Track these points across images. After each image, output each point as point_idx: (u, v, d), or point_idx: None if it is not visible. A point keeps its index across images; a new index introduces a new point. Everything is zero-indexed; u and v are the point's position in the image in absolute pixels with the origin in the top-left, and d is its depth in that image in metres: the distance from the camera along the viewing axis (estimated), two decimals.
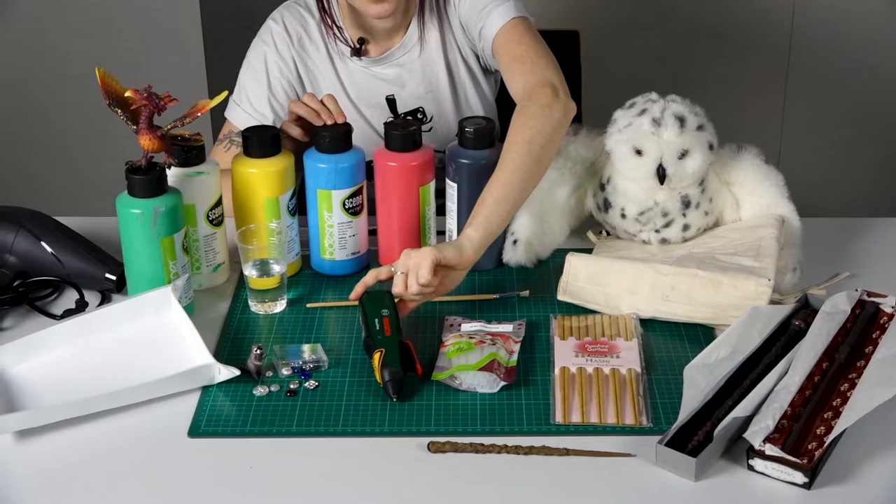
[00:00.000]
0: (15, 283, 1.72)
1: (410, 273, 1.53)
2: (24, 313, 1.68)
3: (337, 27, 1.95)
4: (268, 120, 1.95)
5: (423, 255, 1.53)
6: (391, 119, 2.00)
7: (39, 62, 2.97)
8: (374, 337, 1.51)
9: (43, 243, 1.73)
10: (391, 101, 1.99)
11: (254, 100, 1.97)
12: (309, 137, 1.77)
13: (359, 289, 1.58)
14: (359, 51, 1.97)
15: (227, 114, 1.99)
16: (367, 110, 2.00)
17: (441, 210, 1.80)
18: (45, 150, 3.11)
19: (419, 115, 2.00)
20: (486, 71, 2.01)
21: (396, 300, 1.57)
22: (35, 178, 3.12)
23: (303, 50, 1.98)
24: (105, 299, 1.71)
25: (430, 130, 1.99)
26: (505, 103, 1.88)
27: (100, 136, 3.04)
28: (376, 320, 1.53)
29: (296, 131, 1.76)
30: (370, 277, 1.58)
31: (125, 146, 2.13)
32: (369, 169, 1.80)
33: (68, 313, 1.66)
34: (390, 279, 1.57)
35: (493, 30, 1.84)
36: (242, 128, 1.74)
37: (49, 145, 3.10)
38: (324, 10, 1.95)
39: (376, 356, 1.48)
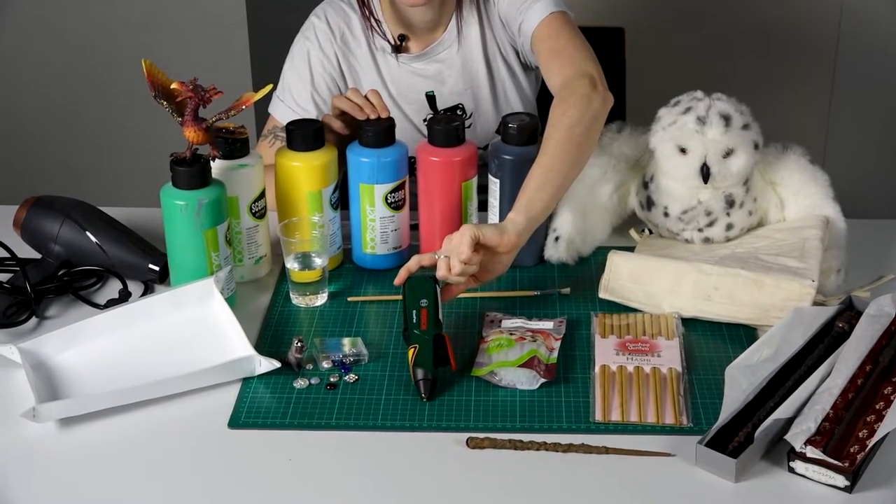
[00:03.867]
0: (60, 273, 1.73)
1: (452, 253, 1.53)
2: (68, 302, 1.69)
3: (376, 20, 1.95)
4: (310, 115, 1.95)
5: (463, 234, 1.53)
6: (431, 115, 1.99)
7: (87, 54, 3.00)
8: (411, 331, 1.50)
9: (88, 233, 1.74)
10: (431, 98, 1.99)
11: (297, 95, 1.97)
12: (351, 131, 1.76)
13: (402, 274, 1.57)
14: (399, 47, 1.97)
15: (270, 109, 2.00)
16: (407, 106, 2.00)
17: (483, 206, 1.79)
18: (91, 141, 3.13)
19: (458, 112, 2.00)
20: (526, 67, 2.01)
21: (440, 286, 1.57)
22: (81, 169, 3.15)
23: (345, 46, 1.98)
24: (148, 290, 1.72)
25: (469, 127, 1.99)
26: (545, 102, 1.87)
27: (145, 128, 3.06)
28: (414, 312, 1.52)
29: (337, 125, 1.76)
30: (413, 262, 1.57)
31: (170, 138, 2.14)
32: (411, 165, 1.80)
33: (112, 303, 1.67)
34: (434, 266, 1.56)
35: (532, 24, 1.83)
36: (286, 123, 1.74)
37: (95, 136, 3.13)
38: (363, 4, 1.95)
39: (410, 352, 1.48)
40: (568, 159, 1.61)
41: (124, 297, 1.70)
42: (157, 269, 1.71)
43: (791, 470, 1.33)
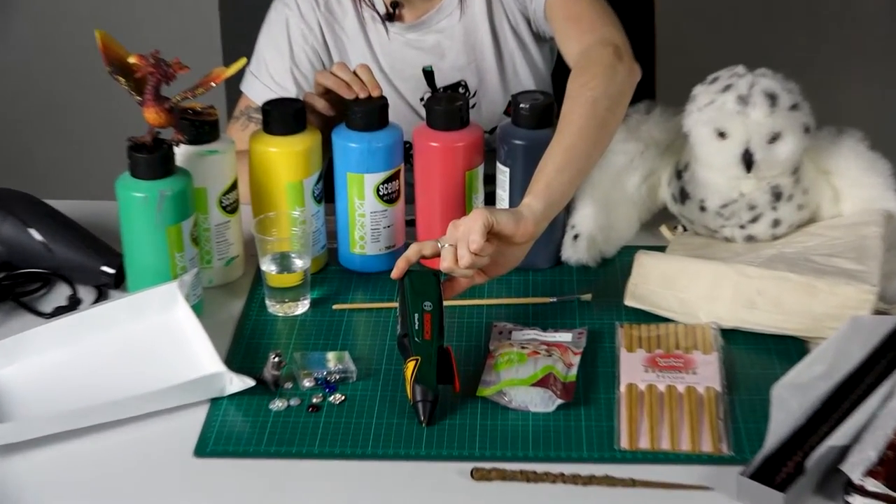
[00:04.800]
0: None
1: (460, 242, 1.52)
2: (8, 310, 1.69)
3: None
4: (290, 94, 1.96)
5: (474, 219, 1.51)
6: (429, 94, 1.99)
7: (33, 24, 2.99)
8: (412, 339, 1.50)
9: (31, 231, 1.74)
10: (429, 73, 1.99)
11: (274, 71, 1.97)
12: (337, 113, 1.76)
13: (401, 265, 1.55)
14: (392, 15, 1.96)
15: (243, 87, 2.00)
16: (401, 83, 2.00)
17: (490, 199, 1.79)
18: (35, 124, 3.13)
19: (461, 90, 2.00)
20: (539, 38, 2.01)
21: (443, 279, 1.56)
22: (24, 157, 3.15)
23: (330, 14, 1.98)
24: (101, 296, 1.72)
25: (473, 107, 1.99)
26: (561, 78, 1.86)
27: (99, 109, 3.06)
28: (416, 315, 1.52)
29: (321, 104, 1.76)
30: (413, 251, 1.56)
31: (128, 120, 2.14)
32: (407, 150, 1.79)
33: (59, 311, 1.67)
34: (436, 256, 1.55)
35: None
36: (261, 103, 1.74)
37: (41, 118, 3.12)
38: None
39: (409, 366, 1.47)
40: (591, 138, 1.61)
41: (74, 304, 1.70)
42: (111, 272, 1.71)
43: None
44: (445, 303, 1.56)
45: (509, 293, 1.69)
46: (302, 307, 1.68)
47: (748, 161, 1.67)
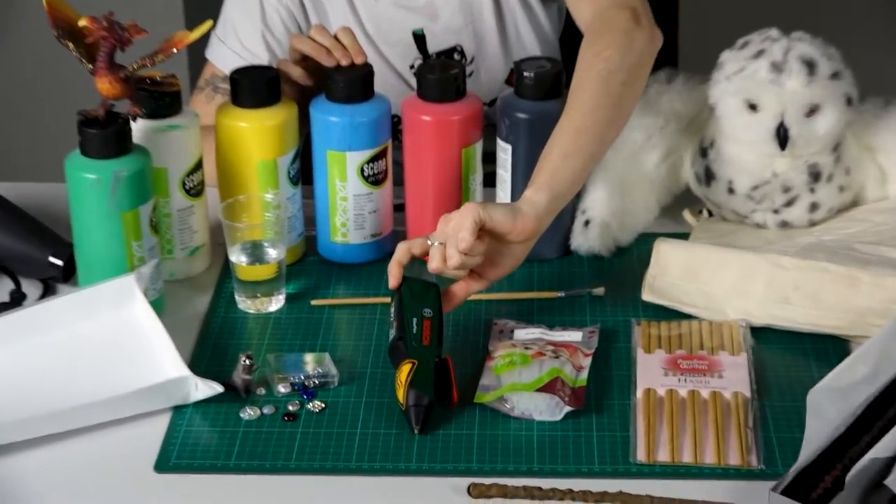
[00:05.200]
0: None
1: (449, 240, 1.52)
2: None
3: None
4: (261, 61, 1.96)
5: (464, 215, 1.52)
6: (420, 61, 2.00)
7: None
8: (409, 342, 1.51)
9: None
10: (419, 37, 1.99)
11: (243, 35, 1.97)
12: (315, 82, 1.77)
13: (395, 270, 1.56)
14: None
15: (208, 54, 2.00)
16: (389, 49, 2.00)
17: (490, 180, 1.80)
18: None
19: (456, 56, 2.00)
20: None
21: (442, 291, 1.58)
22: None
23: None
24: (49, 290, 1.72)
25: (470, 76, 1.99)
26: (570, 43, 1.87)
27: (46, 79, 3.06)
28: (415, 320, 1.53)
29: (297, 73, 1.76)
30: (402, 253, 1.56)
31: (78, 91, 2.14)
32: (395, 125, 1.80)
33: (1, 308, 1.67)
34: (427, 254, 1.56)
35: None
36: (229, 71, 1.74)
37: None
38: None
39: (405, 368, 1.48)
40: (604, 117, 1.61)
41: (17, 300, 1.70)
42: (60, 263, 1.72)
43: None
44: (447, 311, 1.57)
45: (511, 287, 1.69)
46: (276, 303, 1.69)
47: (783, 137, 1.67)
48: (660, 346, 1.58)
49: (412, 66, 2.00)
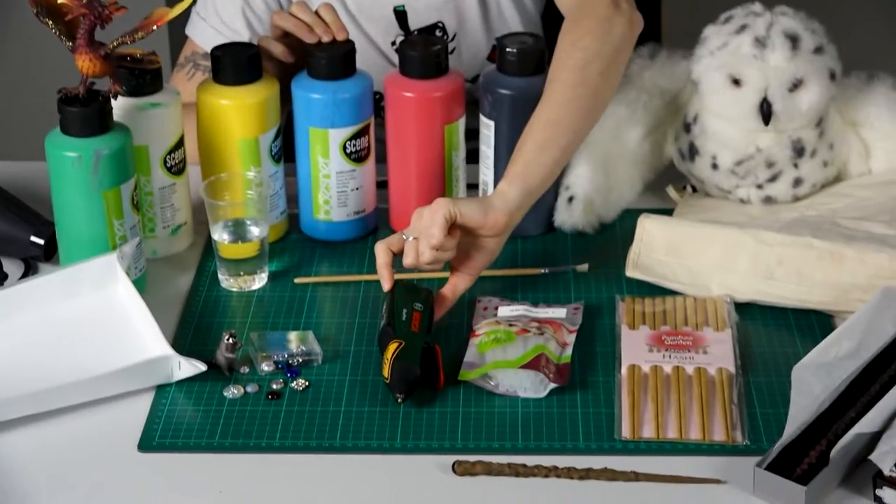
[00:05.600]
0: None
1: (422, 235, 1.53)
2: None
3: None
4: (242, 38, 1.95)
5: (434, 211, 1.53)
6: (402, 37, 1.99)
7: None
8: (397, 327, 1.51)
9: None
10: (401, 13, 1.99)
11: (223, 11, 1.96)
12: (297, 59, 1.76)
13: (385, 273, 1.56)
14: None
15: (188, 31, 1.99)
16: (369, 25, 2.00)
17: (474, 156, 1.80)
18: None
19: (438, 32, 2.00)
20: None
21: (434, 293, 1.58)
22: None
23: None
24: (30, 270, 1.72)
25: (452, 52, 1.99)
26: (554, 20, 1.87)
27: (25, 56, 3.05)
28: (405, 311, 1.53)
29: (279, 49, 1.76)
30: (383, 254, 1.56)
31: (59, 69, 2.14)
32: (377, 102, 1.80)
33: None
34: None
35: None
36: (210, 48, 1.74)
37: None
38: None
39: (392, 346, 1.48)
40: (580, 109, 1.61)
41: None
42: (41, 242, 1.71)
43: (878, 500, 1.33)
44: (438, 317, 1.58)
45: (494, 264, 1.67)
46: (259, 281, 1.69)
47: (766, 112, 1.67)
48: (644, 322, 1.58)
49: (394, 43, 1.99)
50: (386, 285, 1.56)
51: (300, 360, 1.54)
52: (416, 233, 1.54)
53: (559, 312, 1.60)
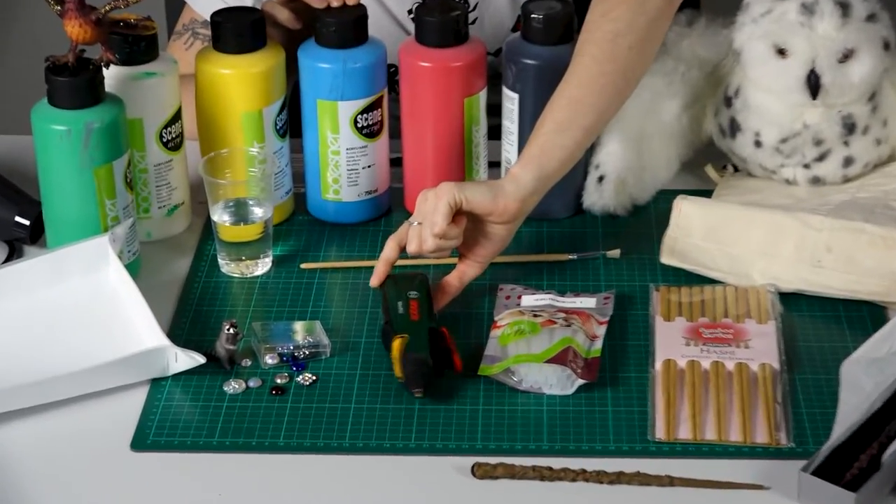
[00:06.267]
0: None
1: (425, 222, 1.54)
2: None
3: None
4: (245, 2, 1.94)
5: (438, 196, 1.53)
6: (417, 2, 1.98)
7: None
8: (396, 323, 1.52)
9: None
10: None
11: None
12: (304, 25, 1.76)
13: (381, 269, 1.57)
14: None
15: None
16: None
17: (496, 133, 1.80)
18: None
19: None
20: None
21: (432, 283, 1.59)
22: None
23: None
24: (14, 253, 1.72)
25: (473, 23, 1.98)
26: None
27: (10, 22, 3.05)
28: (400, 303, 1.54)
29: (284, 15, 1.76)
30: (391, 249, 1.57)
31: (46, 35, 2.13)
32: (392, 74, 1.80)
33: None
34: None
35: None
36: (209, 14, 1.73)
37: None
38: None
39: (396, 344, 1.49)
40: (607, 87, 1.61)
41: None
42: (26, 223, 1.72)
43: None
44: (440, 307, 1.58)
45: (518, 249, 1.69)
46: (262, 266, 1.69)
47: (814, 84, 1.67)
48: (680, 313, 1.58)
49: (410, 12, 1.98)
50: (374, 280, 1.57)
51: (307, 353, 1.54)
52: (420, 218, 1.55)
53: (588, 302, 1.60)
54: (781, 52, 1.68)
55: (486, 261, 1.60)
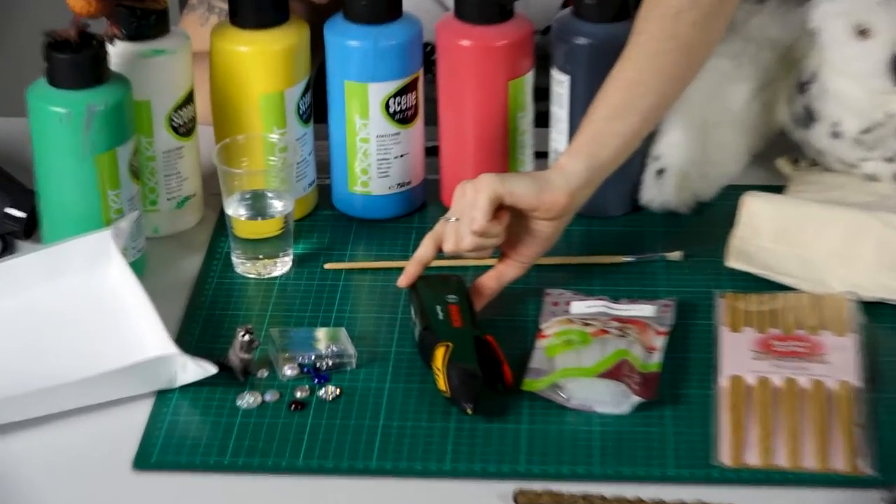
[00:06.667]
0: None
1: (463, 218, 1.54)
2: None
3: None
4: None
5: (479, 188, 1.53)
6: None
7: None
8: (437, 329, 1.51)
9: None
10: None
11: None
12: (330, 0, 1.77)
13: (412, 270, 1.58)
14: None
15: None
16: None
17: (543, 120, 1.79)
18: None
19: None
20: None
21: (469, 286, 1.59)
22: None
23: None
24: (6, 249, 1.72)
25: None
26: None
27: None
28: (438, 307, 1.54)
29: None
30: (427, 248, 1.57)
31: (47, 8, 2.13)
32: (428, 55, 1.80)
33: None
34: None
35: None
36: None
37: None
38: None
39: (440, 352, 1.48)
40: (667, 67, 1.62)
41: None
42: (20, 215, 1.72)
43: None
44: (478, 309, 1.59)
45: (568, 250, 1.69)
46: (282, 266, 1.69)
47: None
48: (749, 323, 1.58)
49: None
50: (403, 280, 1.58)
51: (330, 364, 1.54)
52: (458, 213, 1.55)
53: (646, 310, 1.60)
54: (863, 33, 1.68)
55: (529, 261, 1.60)
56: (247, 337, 1.50)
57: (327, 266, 1.69)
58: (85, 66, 1.58)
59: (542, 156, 1.81)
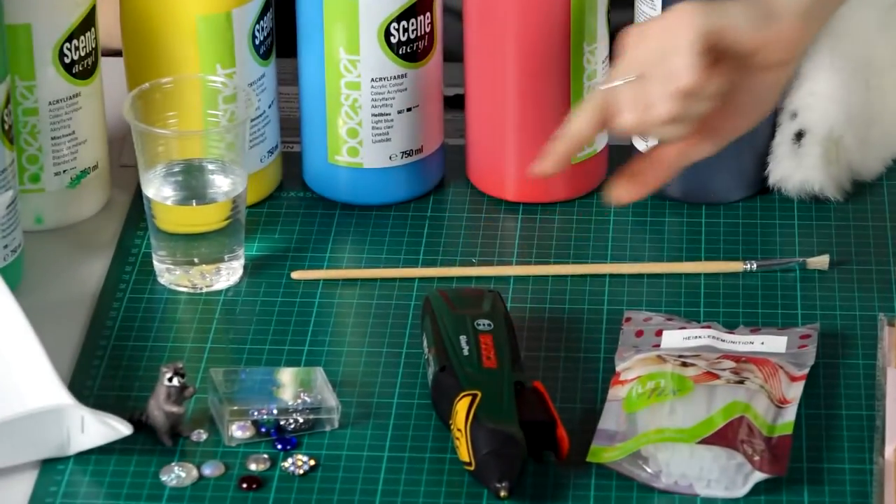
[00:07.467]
0: None
1: (653, 73, 1.53)
2: None
3: None
4: None
5: (677, 23, 1.53)
6: None
7: None
8: (458, 369, 1.53)
9: None
10: None
11: None
12: None
13: (562, 149, 1.57)
14: None
15: None
16: None
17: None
18: None
19: None
20: None
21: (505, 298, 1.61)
22: None
23: None
24: None
25: None
26: None
27: None
28: (462, 338, 1.55)
29: None
30: (584, 122, 1.55)
31: None
32: None
33: None
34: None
35: None
36: None
37: None
38: None
39: (463, 405, 1.49)
40: None
41: None
42: None
43: None
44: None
45: (656, 252, 1.73)
46: (228, 275, 1.72)
47: None
48: None
49: None
50: (544, 165, 1.58)
51: (300, 421, 1.56)
52: (641, 68, 1.55)
53: (775, 343, 1.61)
54: None
55: (729, 135, 1.61)
56: (175, 381, 1.52)
57: (295, 275, 1.71)
58: None
59: None
